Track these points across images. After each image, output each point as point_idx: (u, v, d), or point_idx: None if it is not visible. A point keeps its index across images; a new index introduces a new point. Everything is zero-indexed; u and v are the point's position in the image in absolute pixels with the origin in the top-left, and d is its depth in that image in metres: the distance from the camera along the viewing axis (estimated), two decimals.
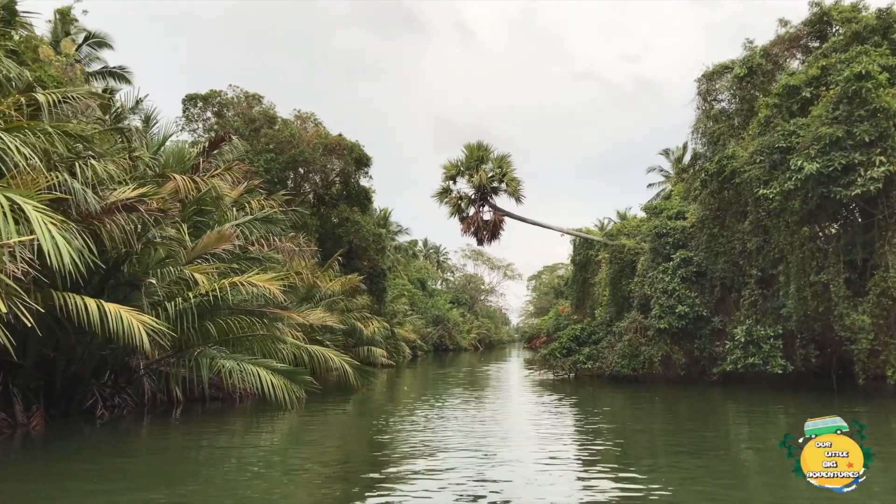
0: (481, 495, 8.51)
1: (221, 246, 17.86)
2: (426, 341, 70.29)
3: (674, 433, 14.80)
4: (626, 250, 29.32)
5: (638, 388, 24.97)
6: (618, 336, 27.30)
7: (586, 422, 16.61)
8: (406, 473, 9.95)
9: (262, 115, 42.25)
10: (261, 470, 10.21)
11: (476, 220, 29.66)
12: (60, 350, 14.86)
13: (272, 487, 9.00)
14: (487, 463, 10.75)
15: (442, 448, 12.00)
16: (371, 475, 9.97)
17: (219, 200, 18.47)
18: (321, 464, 11.09)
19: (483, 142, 29.75)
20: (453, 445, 12.29)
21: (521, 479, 9.50)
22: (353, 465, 11.18)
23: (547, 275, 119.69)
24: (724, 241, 24.12)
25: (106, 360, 16.18)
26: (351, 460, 11.74)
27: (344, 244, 40.88)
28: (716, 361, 23.82)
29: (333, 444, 13.40)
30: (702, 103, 33.50)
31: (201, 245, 17.87)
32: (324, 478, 9.93)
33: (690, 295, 24.51)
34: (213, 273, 16.71)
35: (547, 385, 26.92)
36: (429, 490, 8.79)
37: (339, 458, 11.87)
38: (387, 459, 11.26)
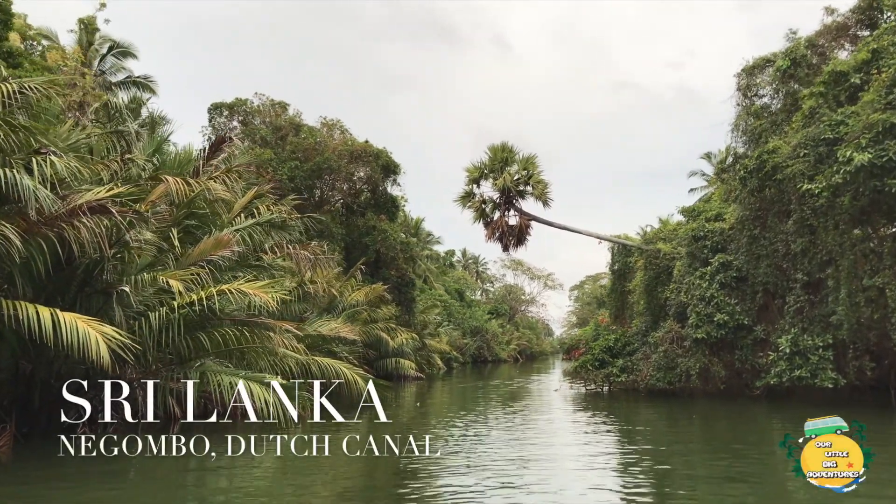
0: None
1: (219, 252, 16.78)
2: (463, 353, 68.82)
3: (714, 456, 13.38)
4: (661, 255, 27.51)
5: (675, 403, 23.17)
6: (653, 347, 25.48)
7: (622, 445, 15.11)
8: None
9: (289, 122, 41.54)
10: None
11: (501, 225, 28.14)
12: (39, 363, 13.89)
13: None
14: (519, 493, 9.57)
15: (462, 470, 10.64)
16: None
17: (215, 204, 17.37)
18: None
19: (507, 142, 28.26)
20: (479, 470, 10.90)
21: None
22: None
23: (590, 285, 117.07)
24: (766, 243, 22.20)
25: (90, 374, 15.16)
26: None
27: (371, 253, 39.79)
28: (759, 374, 21.89)
29: (327, 476, 12.06)
30: (742, 99, 31.49)
31: (197, 251, 16.82)
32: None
33: (730, 302, 22.63)
34: (202, 281, 15.60)
35: (578, 400, 25.27)
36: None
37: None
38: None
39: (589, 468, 12.04)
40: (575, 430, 17.56)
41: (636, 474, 11.38)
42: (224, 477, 11.44)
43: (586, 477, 11.08)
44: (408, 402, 26.46)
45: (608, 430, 17.49)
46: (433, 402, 27.99)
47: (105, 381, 15.79)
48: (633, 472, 11.53)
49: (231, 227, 18.83)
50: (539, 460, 12.83)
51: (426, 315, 48.24)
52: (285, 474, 11.63)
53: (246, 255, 18.62)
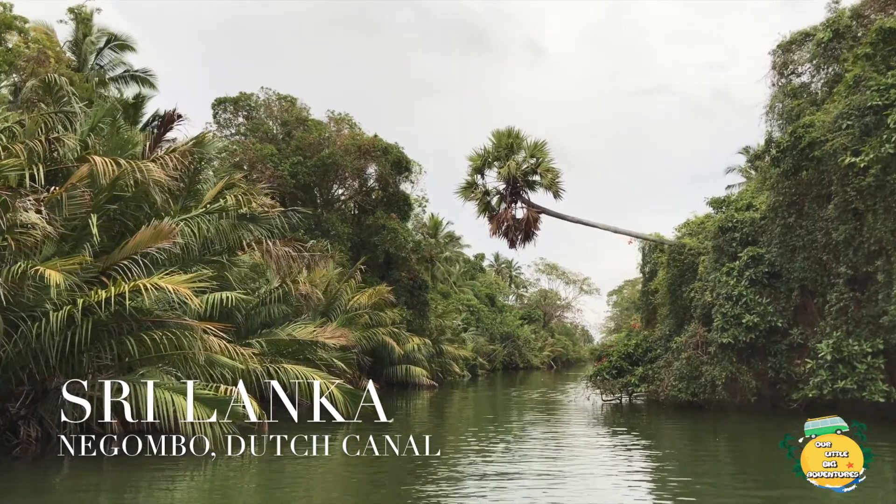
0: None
1: (158, 244, 14.57)
2: (491, 359, 66.17)
3: (747, 486, 10.98)
4: (686, 250, 24.53)
5: (700, 418, 20.28)
6: (675, 354, 22.51)
7: (642, 472, 12.52)
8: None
9: (294, 117, 39.49)
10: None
11: (506, 218, 25.40)
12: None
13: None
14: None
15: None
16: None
17: (153, 189, 15.14)
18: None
19: (513, 127, 25.49)
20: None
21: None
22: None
23: (628, 289, 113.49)
24: (802, 232, 19.14)
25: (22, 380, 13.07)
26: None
27: (380, 253, 37.44)
28: (796, 385, 18.82)
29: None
30: (777, 79, 28.40)
31: (132, 243, 14.61)
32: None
33: (761, 301, 19.57)
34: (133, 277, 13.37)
35: (590, 413, 22.47)
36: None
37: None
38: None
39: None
40: (574, 450, 14.82)
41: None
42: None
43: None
44: (412, 414, 23.96)
45: (622, 452, 14.70)
46: (423, 413, 25.41)
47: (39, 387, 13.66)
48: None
49: (178, 217, 16.64)
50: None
51: (443, 319, 45.64)
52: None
53: (192, 249, 16.38)
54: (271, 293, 22.60)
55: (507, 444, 15.98)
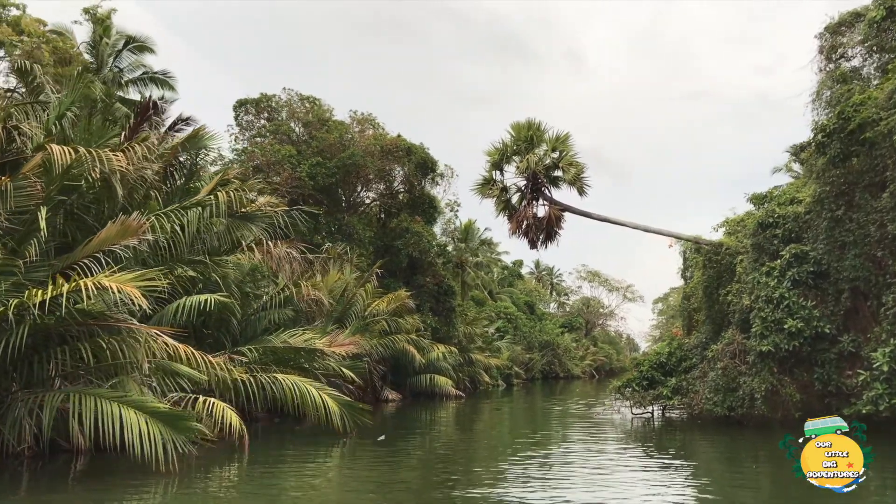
0: None
1: (124, 241, 13.28)
2: (528, 368, 64.14)
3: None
4: (723, 250, 22.39)
5: (738, 435, 18.17)
6: (711, 363, 20.38)
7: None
8: None
9: (316, 118, 38.27)
10: None
11: (527, 217, 23.54)
12: None
13: None
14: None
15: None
16: None
17: (113, 178, 13.84)
18: None
19: (534, 119, 23.61)
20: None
21: None
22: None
23: (674, 297, 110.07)
24: (853, 226, 16.91)
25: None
26: None
27: (403, 258, 35.89)
28: (847, 399, 16.58)
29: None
30: (824, 63, 25.97)
31: (97, 240, 13.37)
32: None
33: (806, 304, 17.36)
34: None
35: (622, 429, 20.52)
36: None
37: None
38: None
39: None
40: (584, 476, 12.96)
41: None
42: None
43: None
44: (416, 429, 22.33)
45: (648, 477, 12.80)
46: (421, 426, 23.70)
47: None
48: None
49: (153, 211, 15.36)
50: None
51: (473, 327, 43.85)
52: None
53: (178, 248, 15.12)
54: (272, 298, 21.26)
55: (504, 473, 14.20)
